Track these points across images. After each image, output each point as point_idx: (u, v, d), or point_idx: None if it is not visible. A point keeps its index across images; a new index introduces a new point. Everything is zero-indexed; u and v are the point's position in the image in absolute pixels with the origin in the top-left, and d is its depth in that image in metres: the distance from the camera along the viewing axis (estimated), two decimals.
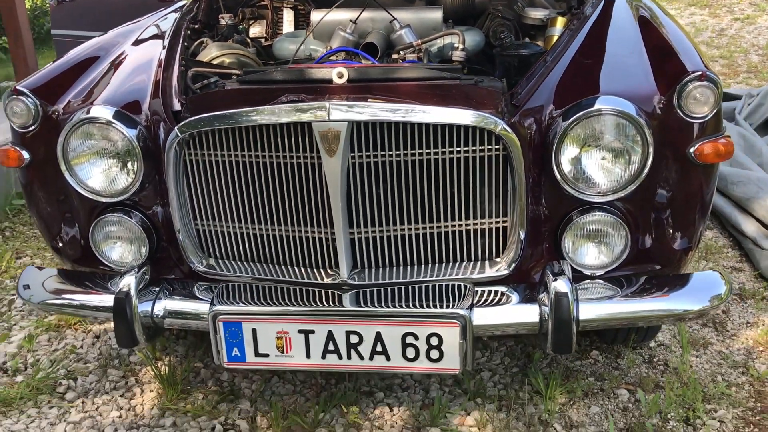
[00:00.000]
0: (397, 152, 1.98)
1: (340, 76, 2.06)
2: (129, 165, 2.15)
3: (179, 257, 2.22)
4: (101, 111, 2.12)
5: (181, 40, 2.62)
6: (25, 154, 2.22)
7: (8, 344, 2.96)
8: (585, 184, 1.99)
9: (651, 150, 1.93)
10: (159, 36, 2.71)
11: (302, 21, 3.19)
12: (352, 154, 1.98)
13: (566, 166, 1.97)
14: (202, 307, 2.09)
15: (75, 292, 2.27)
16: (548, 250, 2.10)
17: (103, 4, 4.50)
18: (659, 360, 2.71)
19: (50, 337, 3.01)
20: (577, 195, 1.99)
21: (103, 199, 2.17)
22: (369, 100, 1.98)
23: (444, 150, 1.98)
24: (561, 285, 1.93)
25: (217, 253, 2.21)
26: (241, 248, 2.18)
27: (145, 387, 2.64)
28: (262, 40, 3.13)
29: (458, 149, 1.98)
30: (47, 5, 13.58)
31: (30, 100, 2.19)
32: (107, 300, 2.16)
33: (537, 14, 2.75)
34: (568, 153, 1.96)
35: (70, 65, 2.43)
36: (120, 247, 2.24)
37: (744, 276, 3.32)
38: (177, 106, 2.16)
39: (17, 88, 2.19)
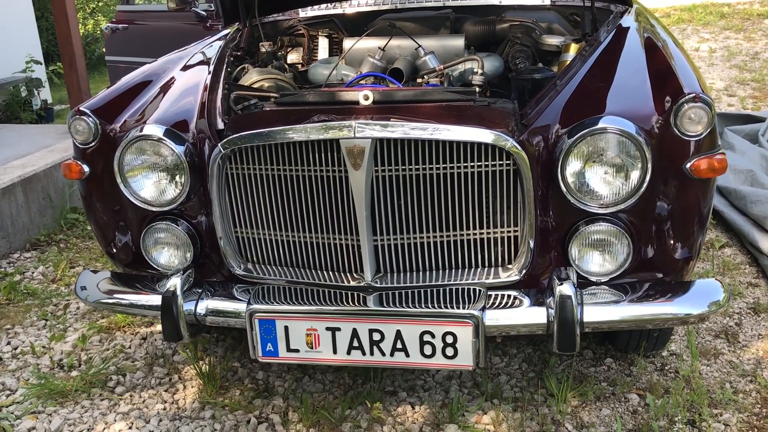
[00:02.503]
0: (417, 166, 2.19)
1: (366, 98, 2.28)
2: (177, 178, 2.40)
3: (220, 262, 2.46)
4: (153, 129, 2.38)
5: (225, 66, 2.88)
6: (86, 168, 2.49)
7: (64, 344, 3.23)
8: (589, 197, 2.16)
9: (650, 166, 2.10)
10: (205, 62, 2.98)
11: (336, 48, 3.44)
12: (376, 168, 2.19)
13: (571, 180, 2.15)
14: (240, 306, 2.31)
15: (127, 292, 2.51)
16: (556, 258, 2.28)
17: (154, 32, 4.84)
18: (670, 368, 2.84)
19: (101, 338, 3.26)
20: (581, 207, 2.17)
21: (154, 208, 2.42)
22: (391, 119, 2.20)
23: (460, 165, 2.18)
24: (566, 289, 2.11)
25: (254, 258, 2.44)
26: (275, 254, 2.40)
27: (187, 383, 2.87)
28: (299, 66, 3.39)
29: (472, 164, 2.18)
30: (99, 33, 14.27)
31: (91, 119, 2.46)
32: (155, 299, 2.41)
33: (553, 41, 2.95)
34: (573, 167, 2.15)
35: (126, 89, 2.71)
36: (167, 252, 2.48)
37: (759, 291, 3.42)
38: (220, 125, 2.41)
39: (80, 108, 2.47)
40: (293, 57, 3.42)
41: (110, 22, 5.11)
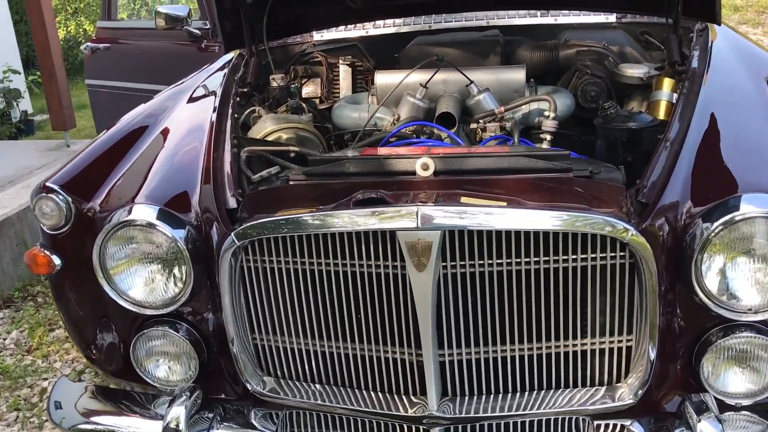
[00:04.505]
0: (498, 261, 1.64)
1: (425, 168, 1.72)
2: (176, 271, 1.83)
3: (233, 374, 1.90)
4: (143, 211, 1.81)
5: (231, 109, 2.31)
6: (56, 260, 1.92)
7: None
8: (731, 300, 1.62)
9: None
10: (205, 106, 2.40)
11: (359, 78, 2.87)
12: (444, 264, 1.64)
13: (709, 279, 1.60)
14: None
15: (114, 413, 1.95)
16: (681, 373, 1.73)
17: (140, 53, 4.25)
18: None
19: None
20: (720, 312, 1.62)
21: (148, 311, 1.86)
22: (462, 199, 1.64)
23: (557, 258, 1.63)
24: (708, 428, 1.56)
25: (278, 372, 1.88)
26: (306, 368, 1.85)
27: None
28: (317, 101, 2.82)
29: (574, 257, 1.63)
30: (81, 35, 13.61)
31: (61, 197, 1.89)
32: (153, 428, 1.85)
33: (635, 72, 2.39)
34: (711, 263, 1.60)
35: (105, 150, 2.13)
36: (165, 364, 1.92)
37: None
38: (232, 203, 1.84)
39: (47, 185, 1.89)
40: (309, 90, 2.85)
41: (90, 40, 4.51)
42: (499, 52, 2.63)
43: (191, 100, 2.52)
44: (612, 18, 2.82)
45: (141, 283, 1.85)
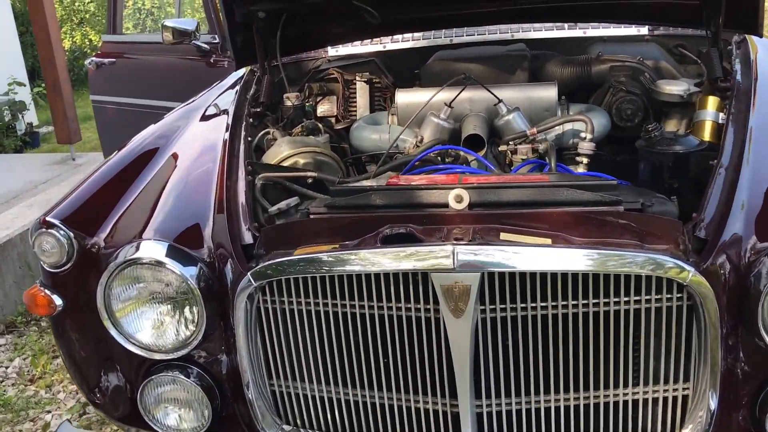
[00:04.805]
0: (543, 304, 1.48)
1: (459, 200, 1.57)
2: (187, 312, 1.69)
3: (249, 422, 1.75)
4: (151, 249, 1.67)
5: (244, 132, 2.17)
6: (57, 300, 1.77)
7: None
8: None
9: None
10: (218, 122, 2.26)
11: (377, 96, 2.72)
12: (482, 307, 1.49)
13: None
14: None
15: None
16: (743, 423, 1.57)
17: (147, 68, 4.11)
18: None
19: None
20: None
21: (157, 356, 1.71)
22: (502, 235, 1.49)
23: (606, 300, 1.48)
24: None
25: (298, 421, 1.73)
26: (328, 417, 1.70)
27: None
28: (332, 120, 2.67)
29: (626, 299, 1.47)
30: (86, 45, 13.52)
31: (62, 233, 1.74)
32: None
33: (674, 89, 2.23)
34: None
35: (108, 180, 1.98)
36: (176, 411, 1.77)
37: None
38: (247, 238, 1.70)
39: (47, 219, 1.74)
40: (324, 108, 2.70)
41: (95, 55, 4.38)
42: (526, 68, 2.48)
43: (203, 119, 2.38)
44: (644, 30, 2.66)
45: (149, 326, 1.70)
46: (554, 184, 1.62)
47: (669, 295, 1.47)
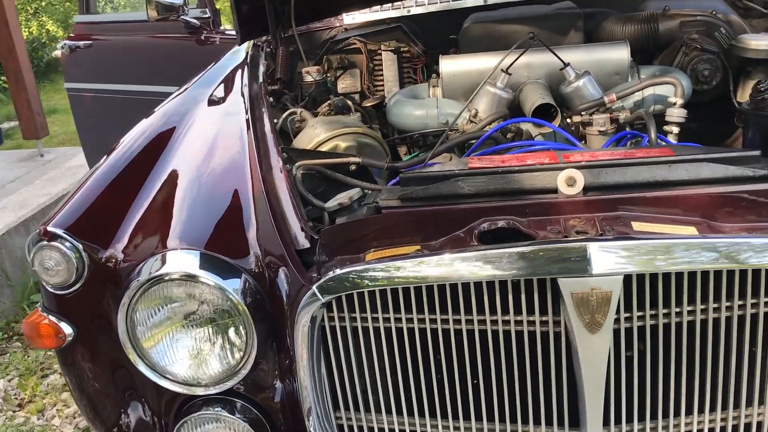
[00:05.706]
0: (690, 308, 1.19)
1: (572, 182, 1.27)
2: (232, 334, 1.37)
3: None
4: (180, 260, 1.33)
5: (267, 113, 1.84)
6: (67, 328, 1.43)
7: None
8: None
9: None
10: (234, 105, 1.93)
11: (406, 67, 2.40)
12: (616, 317, 1.19)
13: None
14: None
15: None
16: None
17: (129, 50, 3.71)
18: None
19: None
20: None
21: (200, 391, 1.39)
22: (635, 225, 1.19)
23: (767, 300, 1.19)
24: None
25: None
26: None
27: None
28: (357, 96, 2.35)
29: None
30: (44, 36, 12.88)
31: (69, 245, 1.39)
32: None
33: (761, 44, 1.95)
34: None
35: (120, 172, 1.63)
36: None
37: None
38: (303, 242, 1.37)
39: (48, 229, 1.39)
40: (347, 83, 2.37)
41: (67, 38, 3.95)
42: (581, 28, 2.18)
43: (211, 103, 2.04)
44: None
45: (186, 356, 1.37)
46: (686, 158, 1.31)
47: None
